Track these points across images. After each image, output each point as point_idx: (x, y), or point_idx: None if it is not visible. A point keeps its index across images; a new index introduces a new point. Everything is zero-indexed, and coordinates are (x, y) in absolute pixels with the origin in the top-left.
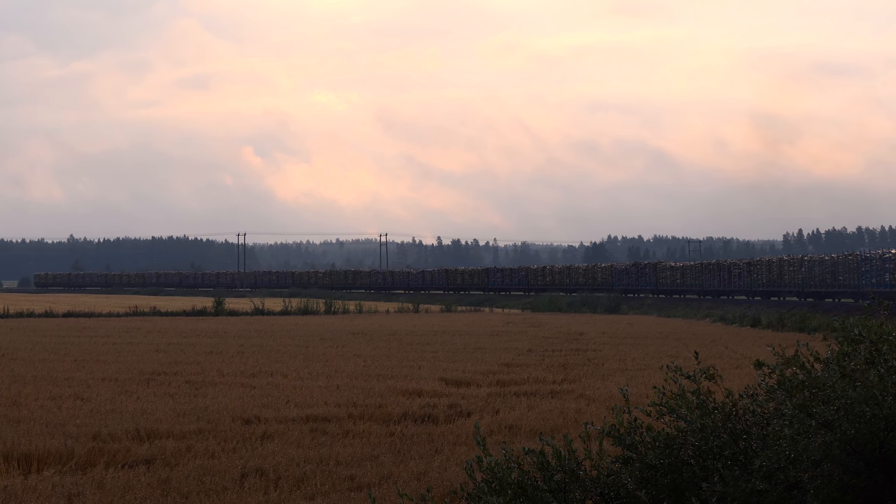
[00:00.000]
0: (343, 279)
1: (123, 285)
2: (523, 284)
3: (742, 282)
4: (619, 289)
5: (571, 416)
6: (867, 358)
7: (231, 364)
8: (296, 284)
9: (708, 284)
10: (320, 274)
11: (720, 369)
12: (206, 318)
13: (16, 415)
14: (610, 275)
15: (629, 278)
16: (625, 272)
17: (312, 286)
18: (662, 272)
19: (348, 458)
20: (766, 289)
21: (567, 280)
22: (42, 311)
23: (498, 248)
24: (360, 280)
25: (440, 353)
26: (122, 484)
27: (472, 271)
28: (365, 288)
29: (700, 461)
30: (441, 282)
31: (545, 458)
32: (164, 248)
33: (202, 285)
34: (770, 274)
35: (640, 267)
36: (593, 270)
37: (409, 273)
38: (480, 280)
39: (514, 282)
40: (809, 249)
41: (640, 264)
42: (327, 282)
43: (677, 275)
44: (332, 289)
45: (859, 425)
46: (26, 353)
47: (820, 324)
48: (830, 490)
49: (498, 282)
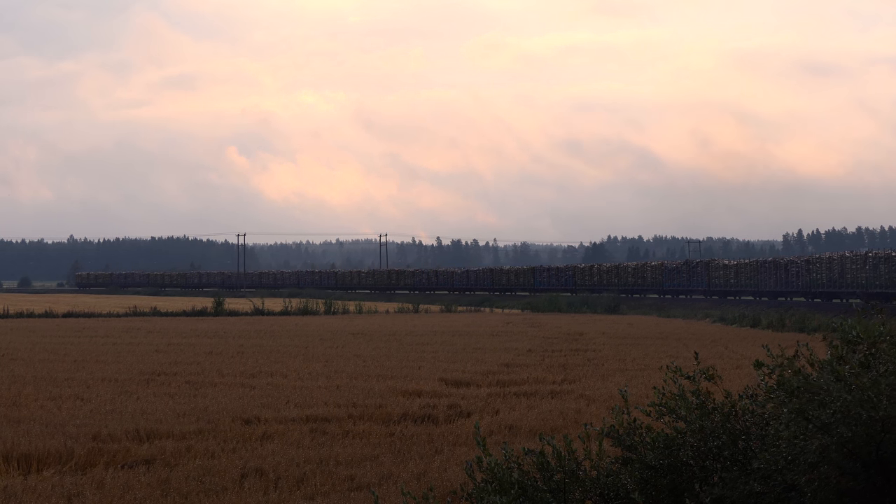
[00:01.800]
0: (385, 279)
1: (165, 286)
2: (570, 284)
3: (801, 281)
4: (669, 289)
5: (571, 416)
6: (862, 361)
7: (231, 364)
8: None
9: (763, 284)
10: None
11: (720, 370)
12: (206, 319)
13: (16, 415)
14: (660, 274)
15: (680, 278)
16: (675, 271)
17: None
18: (715, 271)
19: (348, 458)
20: (827, 290)
21: (615, 280)
22: (42, 312)
23: (498, 248)
24: (404, 280)
25: (440, 353)
26: (121, 484)
27: (518, 271)
28: (400, 289)
29: (699, 462)
30: (486, 282)
31: (545, 458)
32: (163, 248)
33: (246, 286)
34: (830, 273)
35: (692, 265)
36: (643, 269)
37: (454, 273)
38: (526, 280)
39: (560, 282)
40: (810, 250)
41: (691, 262)
42: (368, 282)
43: (731, 274)
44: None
45: (855, 428)
46: (26, 353)
47: (820, 324)
48: (827, 492)
49: (544, 282)
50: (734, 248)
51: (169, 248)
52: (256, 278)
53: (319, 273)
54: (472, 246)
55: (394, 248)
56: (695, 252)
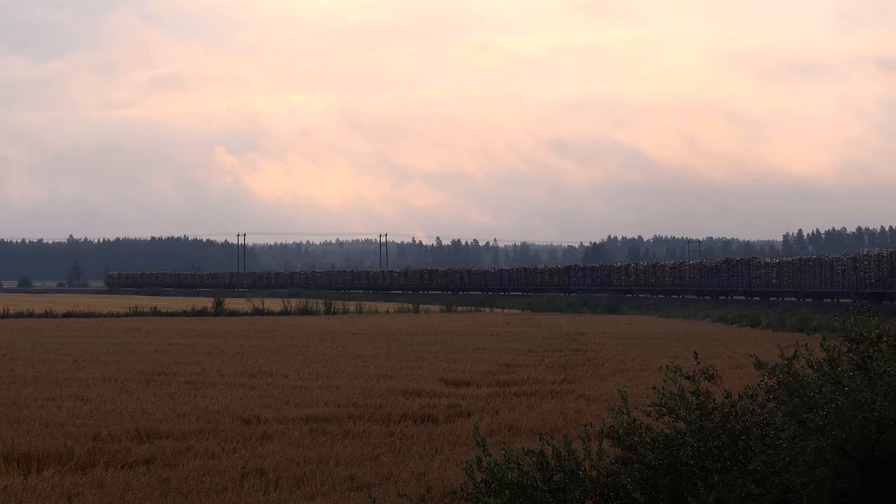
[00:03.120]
0: (418, 279)
1: (197, 286)
2: (605, 284)
3: (847, 281)
4: (708, 290)
5: (571, 416)
6: (858, 362)
7: (231, 364)
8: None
9: (807, 284)
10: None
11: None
12: (206, 319)
13: (16, 415)
14: (698, 273)
15: (719, 277)
16: (714, 270)
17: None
18: (756, 270)
19: (348, 458)
20: (875, 290)
21: (653, 279)
22: (42, 312)
23: (498, 248)
24: (437, 279)
25: (440, 353)
26: (121, 484)
27: (553, 270)
28: (433, 289)
29: (699, 462)
30: (520, 282)
31: (545, 458)
32: (163, 248)
33: (276, 286)
34: (879, 271)
35: (732, 264)
36: (681, 268)
37: (487, 273)
38: (560, 280)
39: (595, 281)
40: (810, 250)
41: (731, 261)
42: (401, 282)
43: (772, 273)
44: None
45: (850, 430)
46: (26, 353)
47: (820, 324)
48: (823, 495)
49: (579, 281)
50: (734, 248)
51: (169, 248)
52: (287, 278)
53: (350, 273)
54: (472, 246)
55: (393, 249)
56: (695, 252)
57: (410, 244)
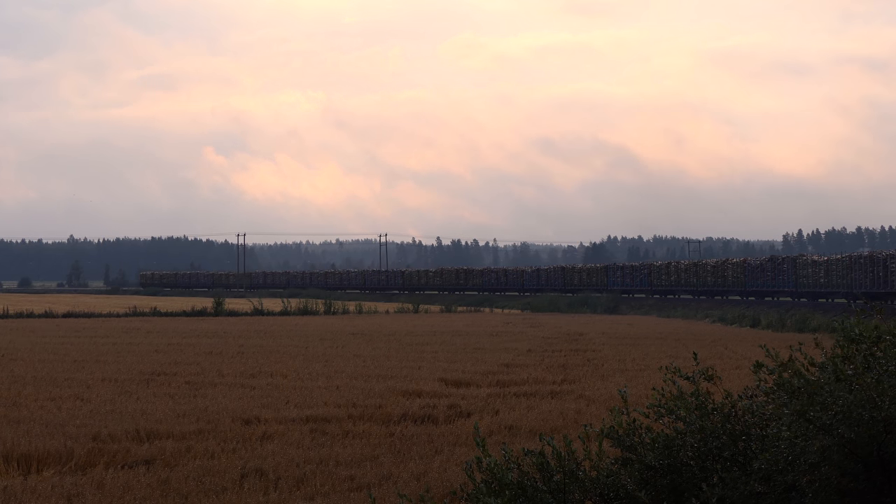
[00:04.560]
0: (454, 278)
1: (230, 286)
2: (645, 283)
3: None
4: (753, 290)
5: (571, 416)
6: (863, 362)
7: (231, 364)
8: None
9: (858, 285)
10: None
11: (720, 370)
12: (206, 319)
13: (16, 415)
14: (742, 272)
15: (764, 276)
16: (759, 269)
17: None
18: (803, 268)
19: (348, 458)
20: None
21: (694, 279)
22: (42, 312)
23: (498, 248)
24: (472, 279)
25: (440, 353)
26: (121, 484)
27: (591, 269)
28: (468, 289)
29: (700, 462)
30: (558, 282)
31: (544, 458)
32: (163, 248)
33: (311, 285)
34: None
35: (777, 262)
36: (723, 267)
37: (524, 272)
38: (599, 279)
39: (636, 281)
40: (810, 250)
41: (776, 258)
42: (436, 281)
43: (820, 272)
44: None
45: (857, 429)
46: (26, 353)
47: (819, 324)
48: (828, 493)
49: (618, 281)
50: (734, 248)
51: (169, 248)
52: (322, 278)
53: (385, 273)
54: (472, 246)
55: (393, 249)
56: (694, 252)
57: (410, 244)
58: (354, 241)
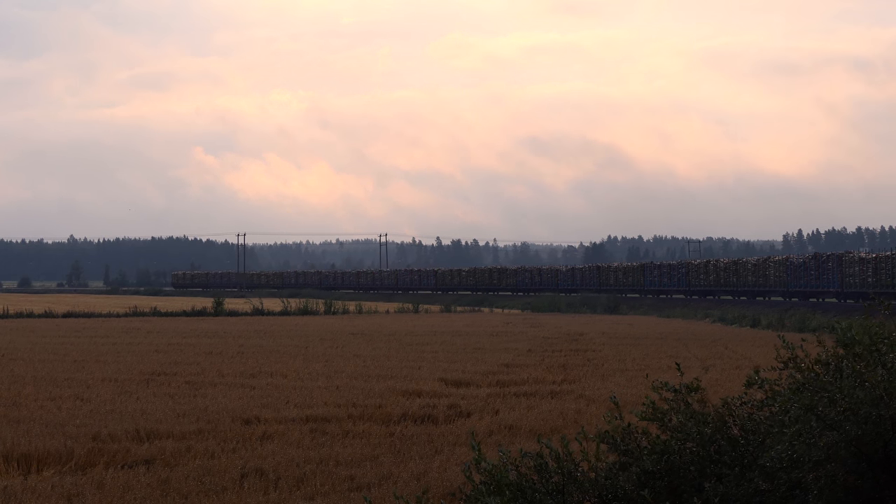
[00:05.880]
0: (487, 278)
1: (261, 286)
2: (683, 283)
3: None
4: (795, 291)
5: (571, 416)
6: (871, 359)
7: (231, 364)
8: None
9: None
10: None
11: (720, 370)
12: (206, 319)
13: (16, 415)
14: (784, 271)
15: (808, 276)
16: (802, 268)
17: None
18: (849, 267)
19: (348, 458)
20: None
21: (734, 279)
22: (42, 312)
23: (498, 248)
24: (506, 279)
25: (440, 353)
26: (121, 484)
27: (627, 268)
28: (503, 289)
29: (698, 466)
30: (593, 282)
31: (543, 460)
32: (163, 248)
33: (343, 286)
34: None
35: (821, 260)
36: (765, 266)
37: (559, 271)
38: (635, 279)
39: (673, 280)
40: (809, 249)
41: (820, 256)
42: (469, 282)
43: (868, 270)
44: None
45: (865, 426)
46: (26, 353)
47: (819, 324)
48: (834, 490)
49: (655, 281)
50: (734, 248)
51: (169, 247)
52: (353, 278)
53: (419, 272)
54: (472, 246)
55: (393, 249)
56: (695, 252)
57: (410, 244)
58: (354, 241)
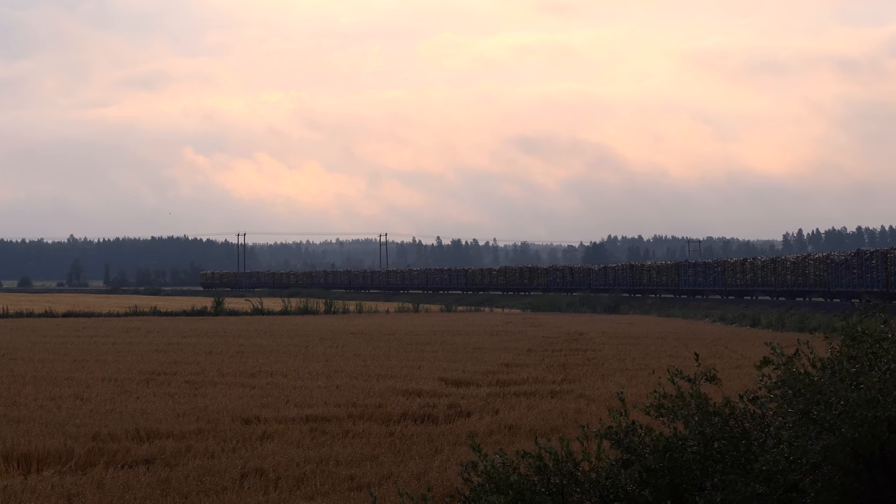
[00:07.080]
0: (518, 278)
1: (291, 285)
2: (719, 283)
3: None
4: (837, 291)
5: (571, 416)
6: (868, 360)
7: (231, 364)
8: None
9: None
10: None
11: (720, 369)
12: (206, 318)
13: (15, 415)
14: (825, 269)
15: (850, 274)
16: (843, 265)
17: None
18: (894, 264)
19: (348, 458)
20: None
21: (772, 278)
22: (42, 311)
23: (498, 248)
24: (537, 279)
25: (440, 353)
26: (121, 484)
27: (661, 267)
28: (533, 289)
29: (700, 464)
30: (626, 281)
31: (542, 461)
32: (163, 247)
33: (371, 286)
34: None
35: (865, 258)
36: (804, 264)
37: (591, 270)
38: (670, 278)
39: (708, 279)
40: (810, 249)
41: (863, 254)
42: (500, 281)
43: None
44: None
45: (861, 428)
46: (26, 352)
47: (819, 323)
48: (831, 492)
49: (690, 280)
50: (734, 247)
51: (169, 247)
52: (383, 277)
53: (449, 271)
54: (472, 245)
55: (393, 248)
56: (694, 252)
57: (410, 244)
58: (354, 241)
